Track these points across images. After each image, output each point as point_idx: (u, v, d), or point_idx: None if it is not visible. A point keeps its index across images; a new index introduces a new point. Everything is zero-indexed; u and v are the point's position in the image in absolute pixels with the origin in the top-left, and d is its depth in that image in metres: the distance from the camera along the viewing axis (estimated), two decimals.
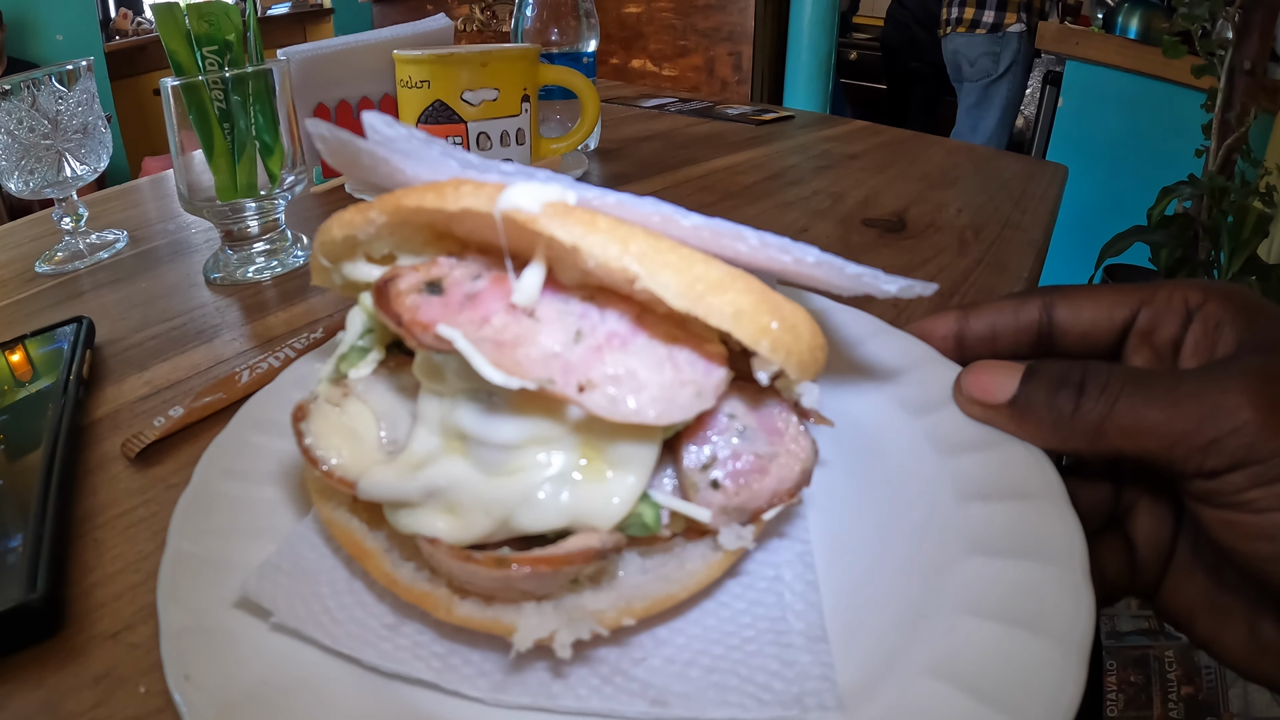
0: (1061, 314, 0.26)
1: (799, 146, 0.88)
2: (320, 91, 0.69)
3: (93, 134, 0.57)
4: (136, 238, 0.64)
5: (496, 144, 0.62)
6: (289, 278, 0.53)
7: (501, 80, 0.60)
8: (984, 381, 0.24)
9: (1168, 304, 0.24)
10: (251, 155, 0.49)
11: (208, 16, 0.49)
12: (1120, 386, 0.21)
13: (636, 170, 0.76)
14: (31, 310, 0.52)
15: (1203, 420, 0.19)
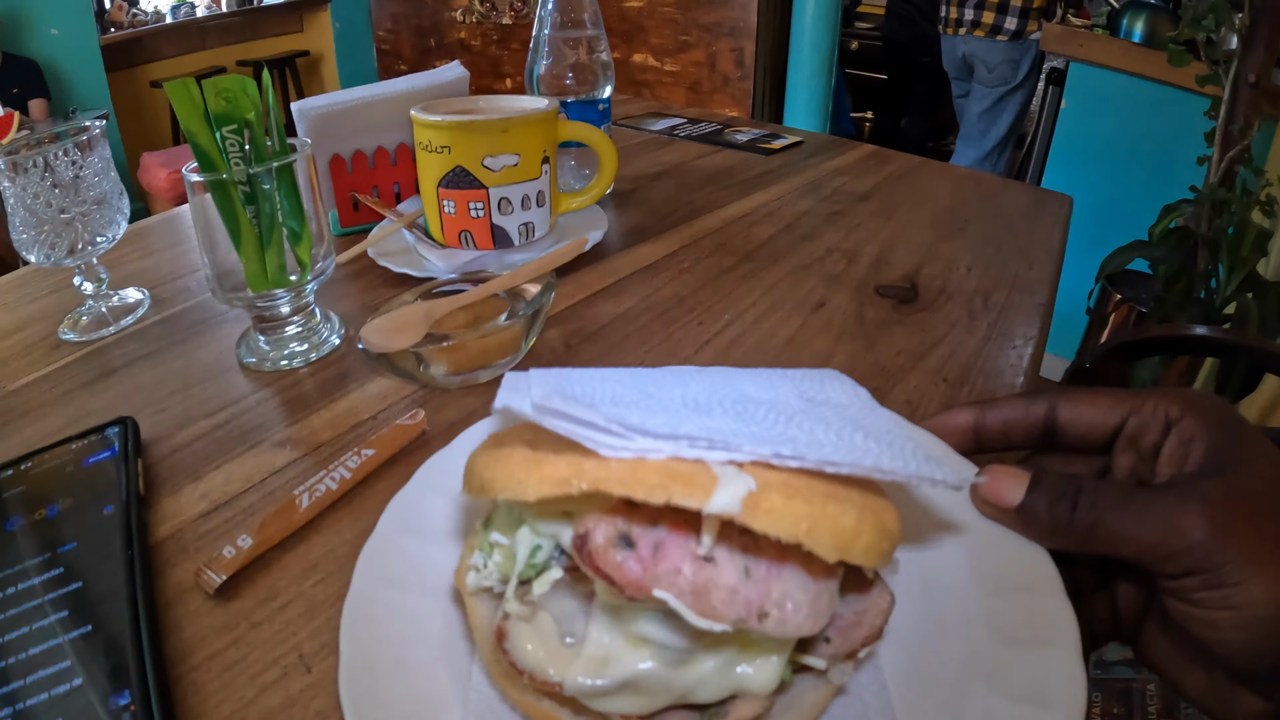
0: (1064, 415, 0.31)
1: (810, 185, 0.87)
2: (336, 143, 0.69)
3: (110, 202, 0.57)
4: (158, 297, 0.63)
5: (517, 208, 0.62)
6: (324, 364, 0.52)
7: (522, 145, 0.60)
8: (997, 488, 0.29)
9: (1152, 414, 0.29)
10: (279, 242, 0.48)
11: (225, 94, 0.47)
12: (1106, 503, 0.26)
13: (653, 222, 0.75)
14: (64, 388, 0.52)
15: (1167, 535, 0.24)
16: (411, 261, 0.62)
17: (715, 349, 0.54)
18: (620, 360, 0.52)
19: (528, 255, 0.63)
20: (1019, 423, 0.32)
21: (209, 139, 0.47)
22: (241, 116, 0.47)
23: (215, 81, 0.47)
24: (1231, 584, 0.23)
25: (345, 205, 0.72)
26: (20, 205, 0.53)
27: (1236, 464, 0.26)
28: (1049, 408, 0.31)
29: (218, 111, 0.47)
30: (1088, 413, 0.30)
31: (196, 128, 0.46)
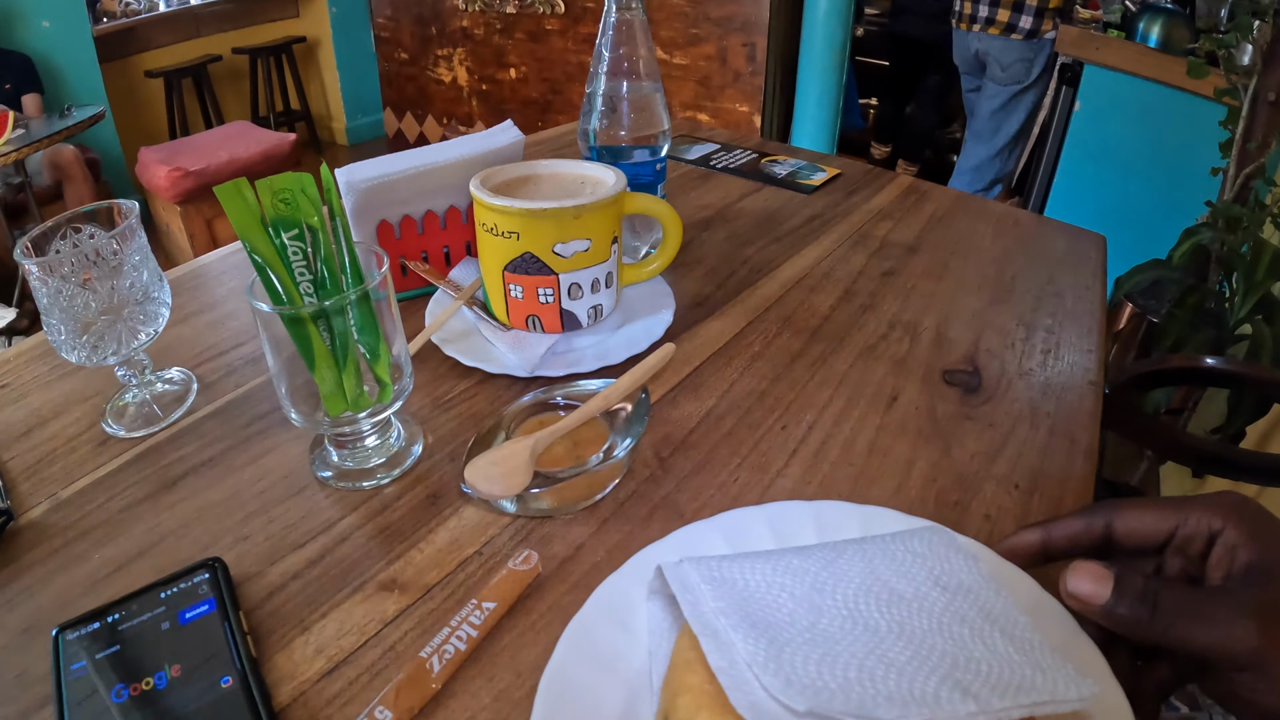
0: (1120, 529, 0.34)
1: (857, 235, 0.85)
2: (384, 210, 0.65)
3: (152, 295, 0.53)
4: (203, 379, 0.60)
5: (587, 291, 0.59)
6: (410, 481, 0.49)
7: (594, 230, 0.56)
8: (1085, 586, 0.32)
9: (1196, 527, 0.32)
10: (355, 361, 0.45)
11: (282, 195, 0.43)
12: (1178, 609, 0.30)
13: (713, 289, 0.73)
14: (124, 500, 0.48)
15: (1226, 641, 0.29)
16: (480, 351, 0.58)
17: (803, 460, 0.51)
18: (717, 477, 0.50)
19: (597, 338, 0.60)
20: (1082, 537, 0.35)
21: (269, 249, 0.43)
22: (302, 220, 0.44)
23: (270, 182, 0.43)
24: (1276, 677, 0.28)
25: (394, 272, 0.68)
26: (55, 307, 0.49)
27: (1275, 572, 0.30)
28: (1106, 523, 0.35)
29: (277, 217, 0.43)
30: (1139, 527, 0.34)
31: (254, 237, 0.43)
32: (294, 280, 0.44)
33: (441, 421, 0.54)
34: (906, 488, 0.49)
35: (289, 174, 0.44)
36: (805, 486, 0.49)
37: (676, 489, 0.49)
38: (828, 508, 0.41)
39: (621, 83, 0.68)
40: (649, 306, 0.65)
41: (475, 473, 0.43)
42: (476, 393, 0.57)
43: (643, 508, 0.48)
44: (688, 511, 0.47)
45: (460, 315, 0.63)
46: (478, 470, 0.43)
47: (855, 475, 0.50)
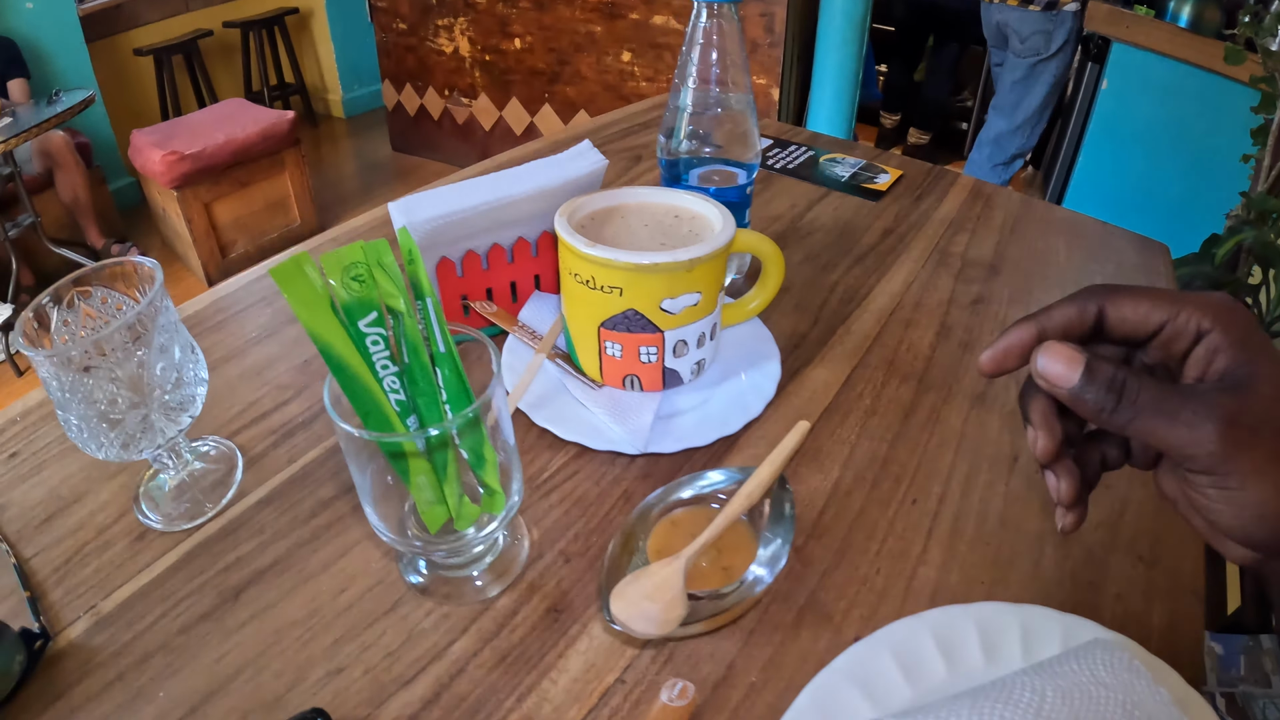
0: (1111, 316, 0.33)
1: (937, 255, 0.78)
2: (444, 248, 0.57)
3: (187, 371, 0.44)
4: (246, 450, 0.52)
5: (692, 347, 0.51)
6: (524, 593, 0.42)
7: (706, 282, 0.49)
8: (1055, 368, 0.31)
9: (1185, 324, 0.31)
10: (456, 471, 0.38)
11: (355, 271, 0.35)
12: (1144, 401, 0.29)
13: (807, 325, 0.65)
14: (180, 618, 0.40)
15: (1188, 441, 0.28)
16: (576, 419, 0.51)
17: (941, 541, 0.46)
18: (858, 569, 0.44)
19: (700, 396, 0.53)
20: (1074, 324, 0.34)
21: (345, 341, 0.35)
22: (380, 303, 0.36)
23: (339, 255, 0.35)
24: (1233, 488, 0.28)
25: (454, 312, 0.60)
26: (72, 401, 0.40)
27: (1252, 381, 0.28)
28: (1099, 309, 0.33)
29: (351, 300, 0.35)
30: (1132, 316, 0.32)
31: (325, 329, 0.34)
32: (378, 378, 0.37)
33: (543, 509, 0.47)
34: (1042, 568, 0.44)
35: (359, 244, 0.35)
36: (948, 576, 0.44)
37: (819, 586, 0.43)
38: (987, 613, 0.37)
39: (709, 95, 0.60)
40: (750, 353, 0.57)
41: (627, 609, 0.36)
42: (576, 469, 0.49)
43: (788, 611, 0.41)
44: (836, 614, 0.41)
45: (542, 369, 0.56)
46: (629, 606, 0.36)
47: (993, 557, 0.45)
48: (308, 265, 0.34)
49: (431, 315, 0.37)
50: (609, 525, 0.46)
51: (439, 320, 0.37)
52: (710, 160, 0.62)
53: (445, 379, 0.38)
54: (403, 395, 0.38)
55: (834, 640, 0.40)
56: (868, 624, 0.41)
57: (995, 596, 0.41)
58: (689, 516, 0.42)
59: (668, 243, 0.51)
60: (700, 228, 0.53)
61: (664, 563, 0.38)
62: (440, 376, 0.38)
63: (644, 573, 0.37)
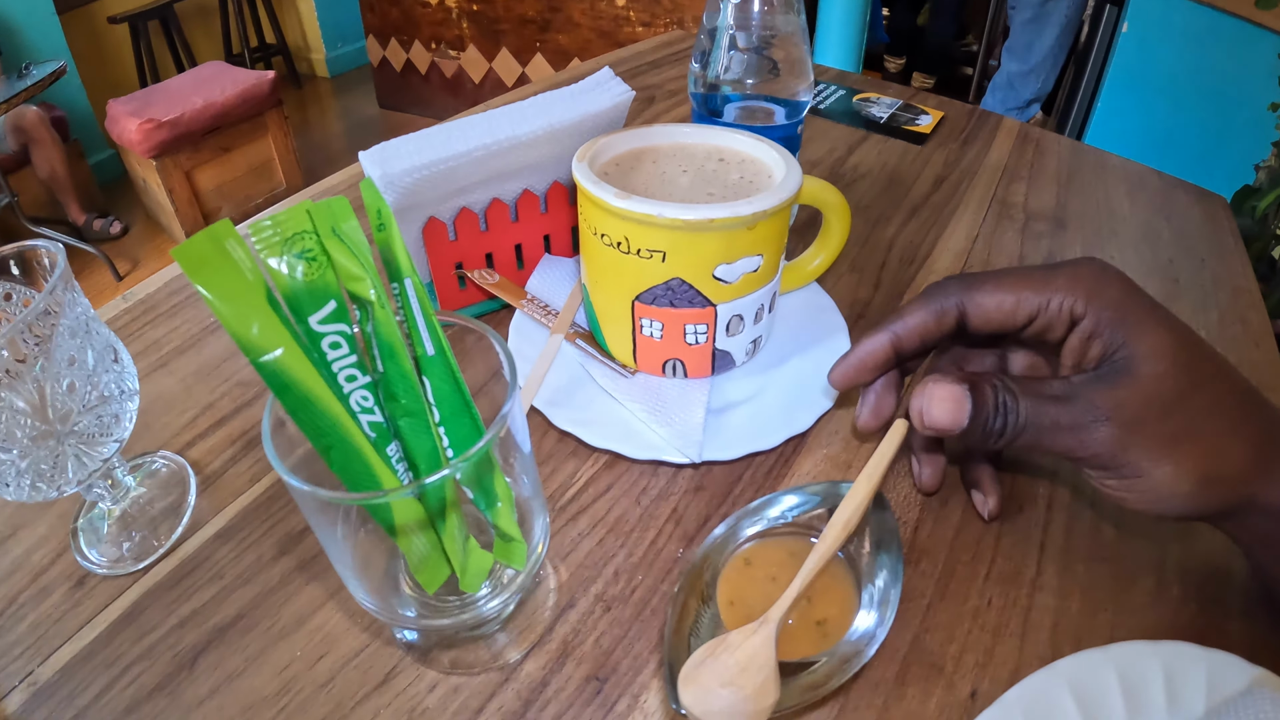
0: (974, 317, 0.31)
1: (998, 207, 0.68)
2: (432, 206, 0.45)
3: (107, 396, 0.33)
4: (198, 464, 0.41)
5: (749, 323, 0.40)
6: (554, 655, 0.32)
7: (768, 242, 0.38)
8: (943, 417, 0.29)
9: (1057, 315, 0.29)
10: (458, 515, 0.27)
11: (301, 246, 0.23)
12: (1028, 417, 0.28)
13: (869, 291, 0.55)
14: (128, 687, 0.31)
15: (1078, 445, 0.27)
16: (606, 420, 0.40)
17: (1054, 559, 0.36)
18: (966, 601, 0.34)
19: (756, 383, 0.42)
20: (933, 332, 0.32)
21: (293, 351, 0.23)
22: (337, 290, 0.24)
23: (278, 224, 0.23)
24: (1133, 476, 0.27)
25: (448, 283, 0.49)
26: None
27: (1130, 365, 0.27)
28: (959, 312, 0.31)
29: (296, 289, 0.24)
30: (996, 313, 0.30)
31: (260, 332, 0.22)
32: (342, 396, 0.25)
33: (570, 538, 0.36)
34: (1166, 587, 0.35)
35: (304, 206, 0.24)
36: (1068, 603, 0.34)
37: (923, 627, 0.33)
38: (1126, 657, 0.28)
39: (754, 13, 0.48)
40: (810, 326, 0.46)
41: (703, 700, 0.26)
42: (608, 483, 0.39)
43: (889, 664, 0.31)
44: (946, 662, 0.32)
45: (560, 352, 0.45)
46: (706, 696, 0.26)
47: (1112, 575, 0.35)
48: (230, 241, 0.22)
49: (414, 303, 0.26)
50: (657, 559, 0.35)
51: (424, 309, 0.26)
52: (755, 96, 0.51)
53: (437, 392, 0.27)
54: (378, 415, 0.27)
55: (948, 699, 0.30)
56: (985, 674, 0.31)
57: (1121, 624, 0.33)
58: (765, 552, 0.32)
59: (716, 193, 0.40)
60: (753, 173, 0.41)
61: (747, 630, 0.27)
62: (429, 389, 0.27)
63: (721, 646, 0.27)
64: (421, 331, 0.27)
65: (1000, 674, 0.31)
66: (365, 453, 0.26)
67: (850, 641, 0.28)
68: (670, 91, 0.86)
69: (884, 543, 0.31)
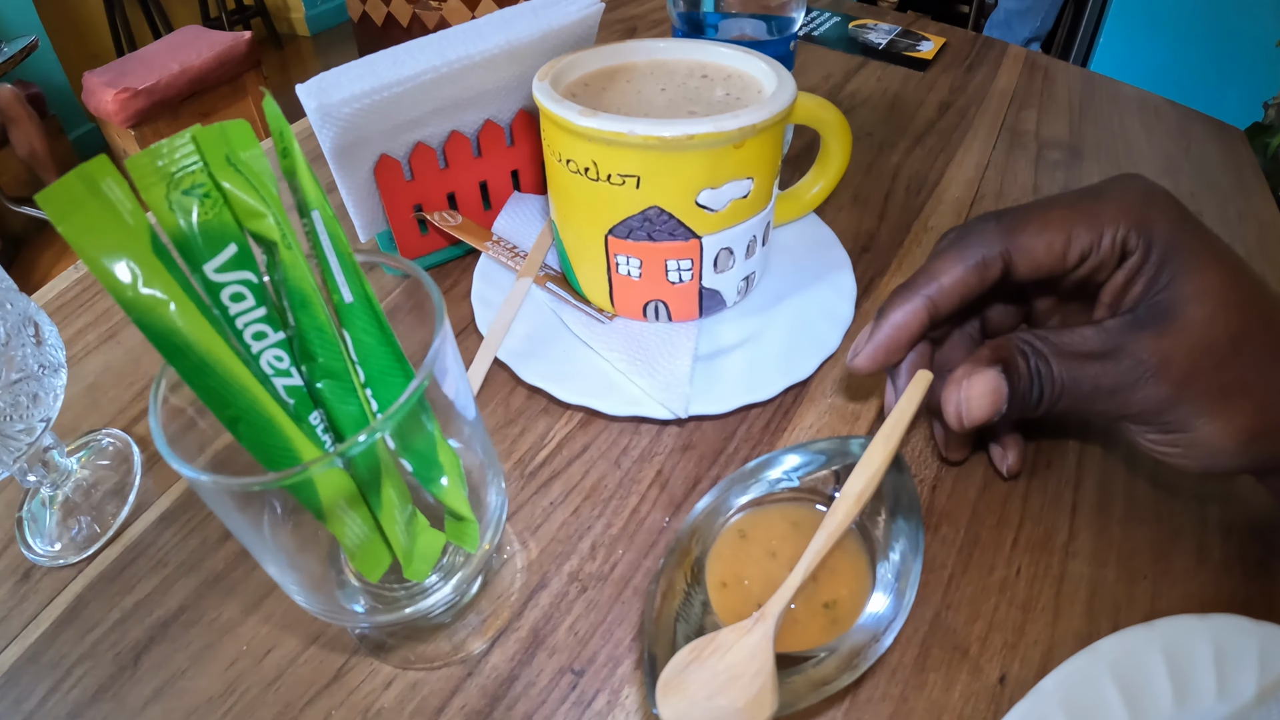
0: (1021, 266, 0.26)
1: (1008, 135, 0.62)
2: (381, 142, 0.40)
3: (26, 372, 0.29)
4: (145, 441, 0.37)
5: (739, 257, 0.35)
6: (523, 644, 0.28)
7: (758, 163, 0.32)
8: (981, 411, 0.25)
9: (1110, 251, 0.25)
10: (397, 490, 0.22)
11: (189, 182, 0.19)
12: (1061, 388, 0.24)
13: (874, 222, 0.49)
14: (71, 690, 0.28)
15: (1120, 403, 0.24)
16: (580, 373, 0.35)
17: (1089, 520, 0.31)
18: (993, 571, 0.29)
19: (751, 326, 0.37)
20: (974, 289, 0.27)
21: (186, 307, 0.18)
22: (236, 231, 0.20)
23: (159, 155, 0.18)
24: (1181, 431, 0.24)
25: (407, 229, 0.44)
26: None
27: (1177, 306, 0.23)
28: (1003, 263, 0.26)
29: (187, 233, 0.19)
30: (1046, 259, 0.26)
31: (143, 292, 0.18)
32: (251, 357, 0.21)
33: (541, 508, 0.31)
34: (1208, 551, 0.30)
35: (193, 131, 0.19)
36: (1104, 571, 0.29)
37: (944, 602, 0.28)
38: (1171, 635, 0.24)
39: None
40: (810, 261, 0.41)
41: (688, 715, 0.21)
42: (584, 444, 0.34)
43: (908, 647, 0.27)
44: (971, 643, 0.27)
45: (529, 298, 0.39)
46: (690, 709, 0.21)
47: (1150, 539, 0.30)
48: (108, 181, 0.17)
49: (324, 240, 0.20)
50: (640, 529, 0.30)
51: (338, 247, 0.20)
52: (742, 16, 0.44)
53: (360, 347, 0.22)
54: (296, 378, 0.22)
55: (974, 685, 0.26)
56: (1015, 655, 0.27)
57: (1162, 594, 0.29)
58: (763, 522, 0.27)
59: (699, 111, 0.34)
60: (740, 89, 0.35)
61: (741, 628, 0.22)
62: (350, 343, 0.22)
63: (710, 647, 0.22)
64: (336, 274, 0.21)
65: (1032, 655, 0.26)
66: (280, 423, 0.21)
67: (863, 628, 0.23)
68: (654, 22, 0.79)
69: (901, 508, 0.26)
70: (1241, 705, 0.22)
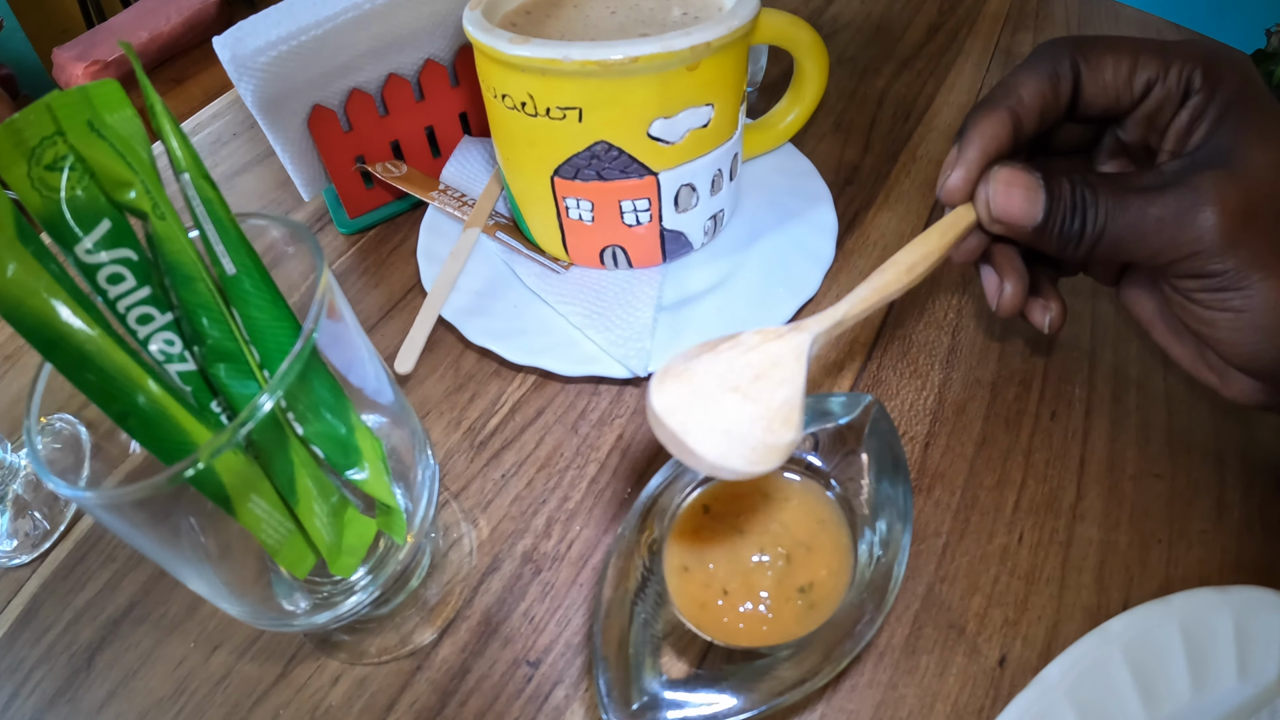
0: (1089, 87, 0.24)
1: (1002, 58, 0.57)
2: (312, 91, 0.36)
3: None
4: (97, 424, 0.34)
5: (704, 195, 0.31)
6: (475, 633, 0.25)
7: (718, 88, 0.28)
8: (1015, 207, 0.23)
9: (1175, 87, 0.23)
10: (314, 478, 0.19)
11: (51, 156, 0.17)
12: (1112, 211, 0.22)
13: (859, 153, 0.45)
14: (30, 696, 0.26)
15: (1168, 246, 0.21)
16: (532, 330, 0.31)
17: (1097, 477, 0.28)
18: (993, 538, 0.26)
19: (723, 269, 0.33)
20: (1051, 107, 0.25)
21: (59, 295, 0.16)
22: (119, 204, 0.17)
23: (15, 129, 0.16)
24: (1234, 289, 0.21)
25: (350, 183, 0.40)
26: None
27: (1240, 149, 0.21)
28: (1074, 78, 0.24)
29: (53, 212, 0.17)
30: (1113, 80, 0.24)
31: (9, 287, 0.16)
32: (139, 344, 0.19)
33: (493, 483, 0.28)
34: (1227, 510, 0.27)
35: (50, 99, 0.17)
36: (1114, 535, 0.26)
37: (939, 575, 0.25)
38: (1194, 610, 0.22)
39: None
40: (786, 196, 0.37)
41: (692, 408, 0.17)
42: (538, 409, 0.31)
43: (898, 626, 0.24)
44: (968, 620, 0.24)
45: (479, 250, 0.35)
46: (696, 403, 0.17)
47: (1168, 495, 0.27)
48: None
49: (197, 206, 0.17)
50: (599, 502, 0.27)
51: (214, 212, 0.17)
52: None
53: (250, 325, 0.19)
54: (190, 363, 0.19)
55: (971, 668, 0.23)
56: (1017, 633, 0.24)
57: (1178, 560, 0.26)
58: (730, 495, 0.23)
59: (652, 32, 0.30)
60: (699, 8, 0.31)
61: (766, 332, 0.19)
62: (240, 321, 0.18)
63: (726, 344, 0.18)
64: (215, 244, 0.18)
65: (1035, 634, 0.23)
66: (173, 414, 0.19)
67: (844, 615, 0.20)
68: None
69: (887, 473, 0.23)
70: (1265, 687, 0.20)
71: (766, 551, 0.22)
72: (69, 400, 0.36)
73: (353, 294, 0.38)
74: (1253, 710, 0.20)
